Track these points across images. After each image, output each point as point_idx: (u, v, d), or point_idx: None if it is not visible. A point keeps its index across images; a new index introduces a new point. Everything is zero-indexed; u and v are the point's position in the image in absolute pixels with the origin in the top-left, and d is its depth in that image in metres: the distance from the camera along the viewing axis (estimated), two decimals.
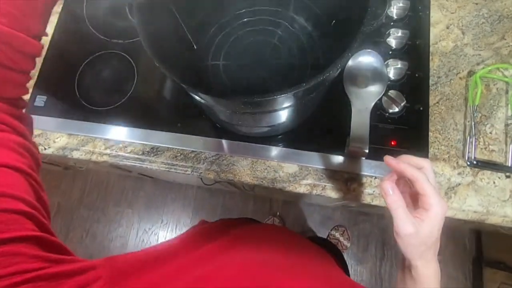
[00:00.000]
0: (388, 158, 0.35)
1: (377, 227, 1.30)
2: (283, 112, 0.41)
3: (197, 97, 0.38)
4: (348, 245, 1.27)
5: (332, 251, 0.61)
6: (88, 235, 1.33)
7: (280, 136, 0.54)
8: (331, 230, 1.30)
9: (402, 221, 0.31)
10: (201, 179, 0.79)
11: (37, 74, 0.59)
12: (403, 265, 0.36)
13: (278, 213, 1.33)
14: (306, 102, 0.42)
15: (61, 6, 0.64)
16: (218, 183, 0.88)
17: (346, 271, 0.60)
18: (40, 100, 0.58)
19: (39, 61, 0.60)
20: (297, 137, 0.53)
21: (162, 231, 1.34)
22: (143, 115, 0.56)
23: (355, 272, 1.26)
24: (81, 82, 0.59)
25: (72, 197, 1.37)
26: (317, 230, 1.31)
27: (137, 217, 1.35)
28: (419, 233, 0.31)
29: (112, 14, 0.63)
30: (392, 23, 0.57)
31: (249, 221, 0.63)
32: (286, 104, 0.37)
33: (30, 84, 0.59)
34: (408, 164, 0.33)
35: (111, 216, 1.35)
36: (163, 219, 1.35)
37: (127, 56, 0.59)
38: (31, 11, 0.27)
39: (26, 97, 0.58)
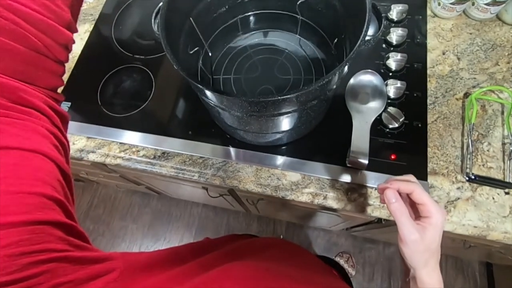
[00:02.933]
0: (380, 185, 0.37)
1: (383, 255, 1.26)
2: (288, 118, 0.44)
3: (209, 101, 0.42)
4: (353, 273, 1.23)
5: (340, 272, 0.60)
6: None
7: (285, 146, 0.56)
8: (335, 257, 1.27)
9: (407, 228, 0.33)
10: (207, 190, 0.81)
11: (65, 83, 0.65)
12: (406, 277, 0.36)
13: (281, 236, 1.32)
14: (310, 110, 0.45)
15: (92, 25, 0.72)
16: (222, 197, 0.90)
17: None
18: (65, 106, 0.63)
19: (67, 71, 0.67)
20: (301, 147, 0.56)
21: None
22: (157, 122, 0.60)
23: None
24: (103, 92, 0.64)
25: (79, 209, 1.39)
26: None
27: (141, 233, 1.35)
28: (423, 239, 0.33)
29: (136, 33, 0.70)
30: (391, 48, 0.62)
31: (254, 236, 0.64)
32: (290, 109, 0.40)
33: (58, 91, 0.64)
34: (399, 181, 0.36)
35: (115, 231, 1.36)
36: (166, 237, 1.35)
37: (147, 70, 0.65)
38: (62, 0, 0.28)
39: None
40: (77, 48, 0.69)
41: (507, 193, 0.51)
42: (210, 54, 0.53)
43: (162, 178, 0.79)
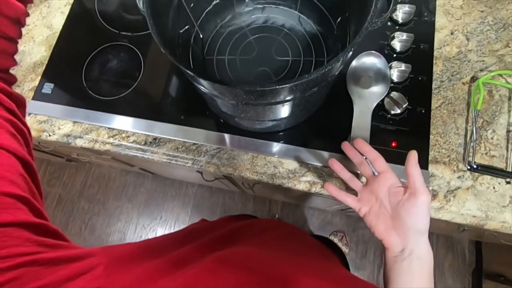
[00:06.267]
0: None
1: None
2: (286, 106, 0.41)
3: (201, 87, 0.39)
4: (347, 251, 1.27)
5: (336, 251, 0.61)
6: (87, 227, 1.33)
7: (282, 133, 0.54)
8: (329, 235, 1.29)
9: (424, 184, 0.35)
10: (201, 174, 0.79)
11: (46, 61, 0.60)
12: (396, 259, 0.35)
13: (277, 216, 1.33)
14: (309, 97, 0.42)
15: None
16: (218, 180, 0.88)
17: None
18: (48, 87, 0.59)
19: (49, 49, 0.62)
20: (299, 134, 0.54)
21: (161, 228, 1.34)
22: (148, 106, 0.57)
23: (357, 276, 1.24)
24: (88, 72, 0.60)
25: (73, 189, 1.38)
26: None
27: (136, 212, 1.36)
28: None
29: (122, 7, 0.65)
30: (397, 27, 0.58)
31: (249, 218, 0.63)
32: (289, 97, 0.38)
33: (39, 71, 0.60)
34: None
35: (110, 210, 1.36)
36: (162, 216, 1.35)
37: (135, 48, 0.61)
38: None
39: (34, 83, 0.59)
40: (58, 23, 0.64)
41: (508, 183, 0.50)
42: (201, 35, 0.49)
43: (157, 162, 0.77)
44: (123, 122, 0.56)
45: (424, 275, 0.33)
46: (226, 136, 0.54)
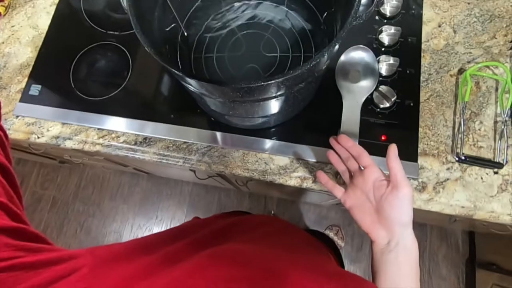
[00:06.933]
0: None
1: None
2: (274, 102, 0.41)
3: (189, 86, 0.39)
4: (342, 244, 1.28)
5: (330, 245, 0.61)
6: (83, 229, 1.33)
7: (272, 129, 0.54)
8: (325, 230, 1.30)
9: (405, 177, 0.35)
10: (195, 173, 0.79)
11: (32, 63, 0.60)
12: (382, 251, 0.36)
13: (272, 212, 1.33)
14: (297, 93, 0.42)
15: None
16: (212, 178, 0.88)
17: (342, 266, 0.60)
18: (35, 89, 0.58)
19: (35, 50, 0.61)
20: (289, 130, 0.54)
21: (157, 227, 1.34)
22: (137, 106, 0.57)
23: (348, 271, 1.26)
24: (76, 72, 0.59)
25: (67, 191, 1.37)
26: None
27: (132, 212, 1.35)
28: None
29: (108, 6, 0.64)
30: (385, 21, 0.58)
31: (242, 214, 0.63)
32: (276, 93, 0.38)
33: (26, 73, 0.59)
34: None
35: (106, 211, 1.35)
36: (158, 215, 1.35)
37: (123, 48, 0.60)
38: None
39: (21, 85, 0.59)
40: (44, 24, 0.63)
41: (496, 173, 0.50)
42: (185, 33, 0.49)
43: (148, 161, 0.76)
44: (113, 122, 0.56)
45: (411, 266, 0.34)
46: (217, 134, 0.54)
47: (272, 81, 0.32)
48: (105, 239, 1.32)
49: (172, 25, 0.47)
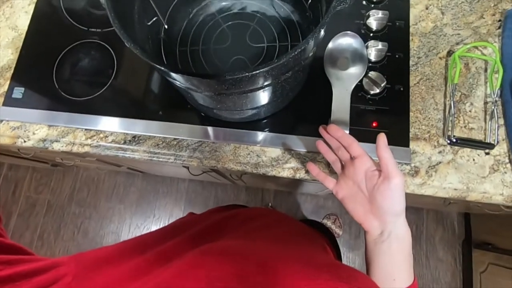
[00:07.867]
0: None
1: None
2: (262, 93, 0.40)
3: (174, 81, 0.38)
4: (340, 233, 1.29)
5: (326, 234, 0.61)
6: (80, 232, 1.32)
7: (263, 121, 0.53)
8: (323, 219, 1.31)
9: (396, 167, 0.34)
10: (188, 169, 0.78)
11: (14, 65, 0.58)
12: (375, 241, 0.36)
13: (270, 204, 1.34)
14: (285, 83, 0.41)
15: None
16: (206, 174, 0.88)
17: (339, 255, 0.60)
18: (18, 92, 0.57)
19: (15, 51, 0.59)
20: (280, 121, 0.53)
21: (155, 226, 1.34)
22: (124, 104, 0.56)
23: (347, 258, 1.27)
24: (59, 73, 0.58)
25: (62, 194, 1.35)
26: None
27: (129, 212, 1.35)
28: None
29: (89, 3, 0.62)
30: (372, 5, 0.57)
31: (237, 207, 0.63)
32: (263, 84, 0.37)
33: (7, 76, 0.58)
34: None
35: (102, 213, 1.34)
36: (155, 213, 1.35)
37: (106, 45, 0.58)
38: None
39: (3, 88, 0.57)
40: (23, 24, 0.61)
41: (487, 154, 0.50)
42: (166, 26, 0.47)
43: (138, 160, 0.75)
44: (100, 122, 0.55)
45: (404, 255, 0.34)
46: (207, 129, 0.53)
47: (257, 71, 0.31)
48: (103, 241, 1.31)
49: (154, 19, 0.45)
